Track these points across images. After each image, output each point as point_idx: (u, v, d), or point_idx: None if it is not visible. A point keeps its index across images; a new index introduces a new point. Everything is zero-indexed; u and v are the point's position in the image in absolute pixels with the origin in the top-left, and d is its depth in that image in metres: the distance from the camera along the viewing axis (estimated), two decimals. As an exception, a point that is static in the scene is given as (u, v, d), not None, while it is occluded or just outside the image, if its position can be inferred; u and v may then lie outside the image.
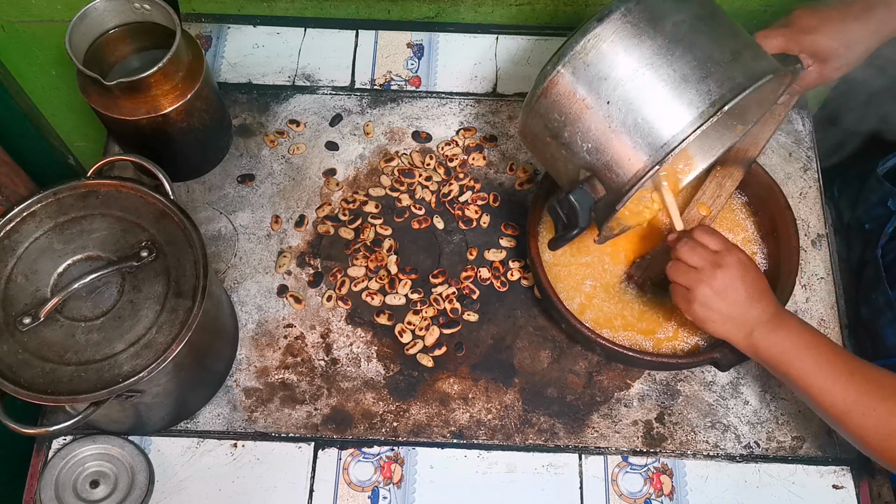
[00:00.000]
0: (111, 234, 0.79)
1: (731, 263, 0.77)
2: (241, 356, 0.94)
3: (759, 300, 0.78)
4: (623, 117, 0.71)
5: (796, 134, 1.10)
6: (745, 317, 0.78)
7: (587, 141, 0.74)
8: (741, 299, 0.77)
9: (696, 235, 0.79)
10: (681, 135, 0.70)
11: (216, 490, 0.88)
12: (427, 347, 0.95)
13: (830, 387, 0.75)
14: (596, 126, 0.73)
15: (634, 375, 0.95)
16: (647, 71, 0.71)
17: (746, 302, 0.77)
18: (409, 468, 0.90)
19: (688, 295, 0.79)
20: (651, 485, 0.90)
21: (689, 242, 0.79)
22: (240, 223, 1.02)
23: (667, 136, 0.70)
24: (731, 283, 0.77)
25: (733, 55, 0.72)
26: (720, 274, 0.77)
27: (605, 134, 0.73)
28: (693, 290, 0.78)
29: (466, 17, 1.17)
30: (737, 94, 0.70)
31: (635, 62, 0.71)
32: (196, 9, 1.16)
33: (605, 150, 0.73)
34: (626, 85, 0.71)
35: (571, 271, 0.94)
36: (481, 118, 1.10)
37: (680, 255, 0.79)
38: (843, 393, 0.74)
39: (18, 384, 0.73)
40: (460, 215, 1.03)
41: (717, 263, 0.77)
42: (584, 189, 0.74)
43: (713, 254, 0.78)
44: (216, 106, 1.00)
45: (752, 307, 0.77)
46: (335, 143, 1.08)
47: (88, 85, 0.90)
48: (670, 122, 0.70)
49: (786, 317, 0.78)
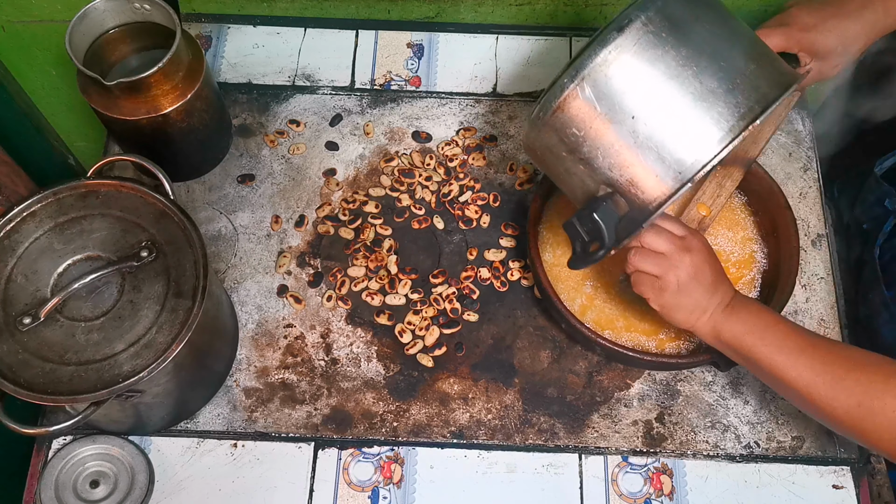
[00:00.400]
0: (111, 234, 0.79)
1: (697, 247, 0.76)
2: (241, 356, 0.94)
3: (721, 284, 0.78)
4: (649, 132, 0.68)
5: (796, 134, 1.10)
6: (709, 302, 0.77)
7: (609, 157, 0.70)
8: (708, 284, 0.76)
9: (657, 221, 0.76)
10: (712, 151, 0.67)
11: (216, 490, 0.88)
12: (427, 347, 0.95)
13: (794, 361, 0.74)
14: (620, 142, 0.70)
15: (634, 375, 0.95)
16: (673, 83, 0.68)
17: (712, 286, 0.77)
18: (409, 468, 0.90)
19: (657, 283, 0.76)
20: (651, 485, 0.90)
21: (652, 229, 0.76)
22: (240, 223, 1.02)
23: (698, 153, 0.67)
24: (701, 267, 0.76)
25: (756, 64, 0.70)
26: (689, 258, 0.75)
27: (631, 150, 0.69)
28: (664, 277, 0.76)
29: (466, 17, 1.17)
30: (765, 107, 0.67)
31: (660, 74, 0.68)
32: (196, 9, 1.16)
33: (629, 167, 0.70)
34: (652, 98, 0.68)
35: (571, 272, 0.94)
36: (481, 118, 1.10)
37: (644, 242, 0.76)
38: (809, 365, 0.74)
39: (18, 384, 0.73)
40: (460, 215, 1.03)
41: (686, 248, 0.76)
42: (607, 206, 0.71)
43: (679, 239, 0.76)
44: (216, 106, 1.00)
45: (716, 292, 0.77)
46: (335, 143, 1.08)
47: (88, 85, 0.90)
48: (701, 138, 0.67)
49: (743, 299, 0.79)
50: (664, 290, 0.77)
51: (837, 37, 0.83)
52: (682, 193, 0.69)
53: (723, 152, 0.67)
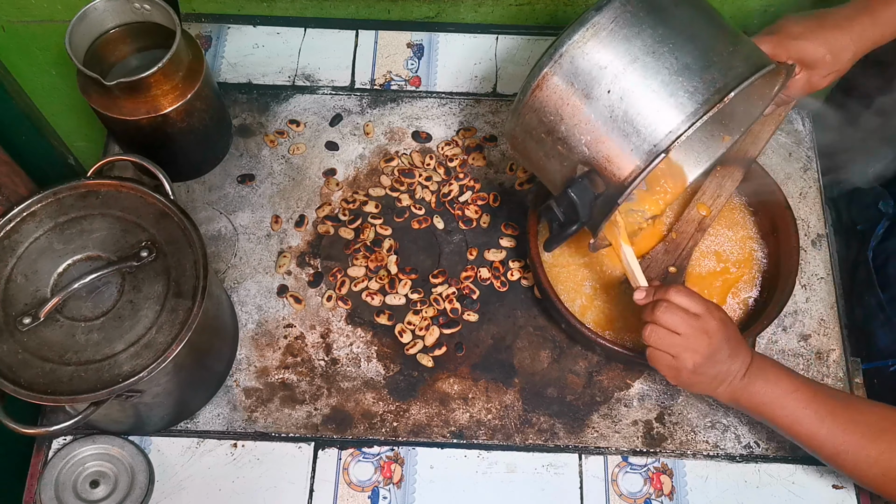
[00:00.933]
0: (111, 234, 0.79)
1: (714, 328, 0.74)
2: (241, 356, 0.94)
3: (738, 353, 0.77)
4: (625, 106, 0.70)
5: (796, 134, 1.10)
6: (727, 372, 0.77)
7: (586, 133, 0.72)
8: (725, 358, 0.76)
9: (672, 298, 0.75)
10: (686, 122, 0.68)
11: (216, 490, 0.88)
12: (427, 347, 0.95)
13: (816, 430, 0.76)
14: (595, 117, 0.71)
15: (634, 375, 0.95)
16: (649, 59, 0.69)
17: (728, 359, 0.76)
18: (409, 468, 0.90)
19: (673, 363, 0.76)
20: (651, 485, 0.90)
21: (669, 307, 0.75)
22: (240, 223, 1.02)
23: (672, 124, 0.68)
24: (718, 346, 0.75)
25: (733, 46, 0.71)
26: (707, 339, 0.74)
27: (606, 124, 0.70)
28: (679, 358, 0.75)
29: (466, 17, 1.17)
30: (740, 83, 0.68)
31: (636, 50, 0.69)
32: (196, 9, 1.16)
33: (605, 142, 0.71)
34: (628, 73, 0.69)
35: (571, 272, 0.94)
36: (481, 118, 1.10)
37: (659, 321, 0.75)
38: (830, 437, 0.76)
39: (18, 384, 0.73)
40: (460, 215, 1.03)
41: (703, 329, 0.74)
42: (583, 183, 0.72)
43: (696, 318, 0.74)
44: (216, 106, 1.00)
45: (733, 362, 0.77)
46: (335, 143, 1.08)
47: (88, 85, 0.90)
48: (674, 110, 0.68)
49: (762, 365, 0.78)
50: (680, 371, 0.76)
51: (826, 47, 0.83)
52: (654, 166, 0.69)
53: (697, 123, 0.68)
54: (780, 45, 0.83)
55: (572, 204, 0.73)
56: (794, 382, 0.77)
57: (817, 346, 0.97)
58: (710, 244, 0.96)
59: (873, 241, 1.03)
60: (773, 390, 0.77)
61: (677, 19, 0.71)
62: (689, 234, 0.94)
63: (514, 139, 0.80)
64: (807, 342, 0.97)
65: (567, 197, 0.73)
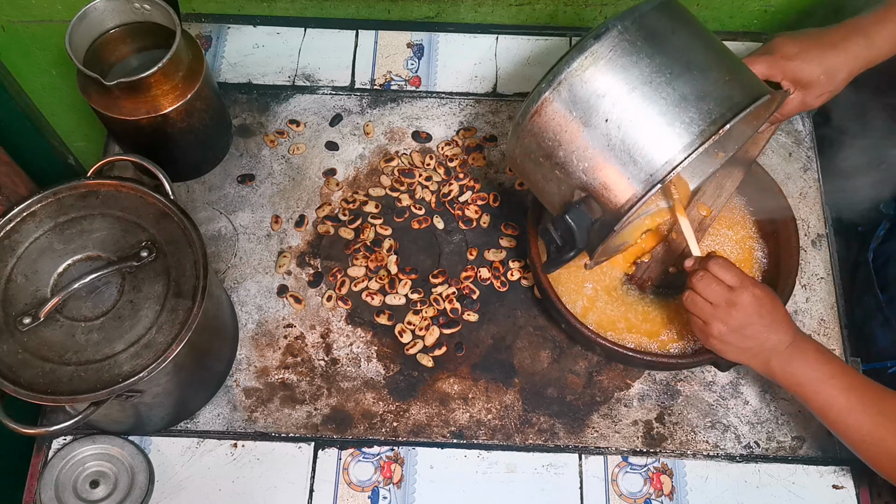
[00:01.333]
0: (111, 234, 0.79)
1: (745, 302, 0.77)
2: (241, 356, 0.94)
3: (776, 331, 0.78)
4: (622, 135, 0.70)
5: (796, 134, 1.10)
6: (761, 347, 0.79)
7: (583, 160, 0.72)
8: (757, 332, 0.78)
9: (712, 269, 0.79)
10: (682, 153, 0.69)
11: (216, 490, 0.88)
12: (427, 347, 0.95)
13: (844, 420, 0.77)
14: (593, 144, 0.71)
15: (634, 375, 0.95)
16: (647, 89, 0.70)
17: (762, 334, 0.78)
18: (409, 468, 0.90)
19: (704, 328, 0.80)
20: (651, 485, 0.90)
21: (705, 277, 0.79)
22: (240, 223, 1.02)
23: (669, 154, 0.69)
24: (747, 320, 0.78)
25: (729, 74, 0.72)
26: (735, 312, 0.77)
27: (603, 152, 0.71)
28: (709, 325, 0.79)
29: (466, 17, 1.17)
30: (736, 113, 0.69)
31: (634, 80, 0.70)
32: (196, 9, 1.16)
33: (602, 170, 0.72)
34: (625, 102, 0.70)
35: (571, 273, 0.94)
36: (481, 118, 1.10)
37: (695, 288, 0.79)
38: (857, 427, 0.77)
39: (18, 384, 0.73)
40: (460, 215, 1.03)
41: (732, 302, 0.77)
42: (580, 209, 0.73)
43: (728, 290, 0.78)
44: (216, 106, 1.00)
45: (768, 338, 0.78)
46: (335, 143, 1.08)
47: (88, 85, 0.90)
48: (672, 140, 0.69)
49: (802, 345, 0.79)
50: (708, 336, 0.80)
51: (820, 66, 0.84)
52: (651, 194, 0.70)
53: (693, 154, 0.68)
54: (774, 66, 0.84)
55: (570, 229, 0.74)
56: (832, 369, 0.78)
57: (817, 346, 0.97)
58: (710, 244, 0.96)
59: (874, 242, 1.03)
60: (810, 374, 0.78)
61: (675, 47, 0.71)
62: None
63: (513, 160, 0.80)
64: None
65: (564, 222, 0.74)
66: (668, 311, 0.92)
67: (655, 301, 0.93)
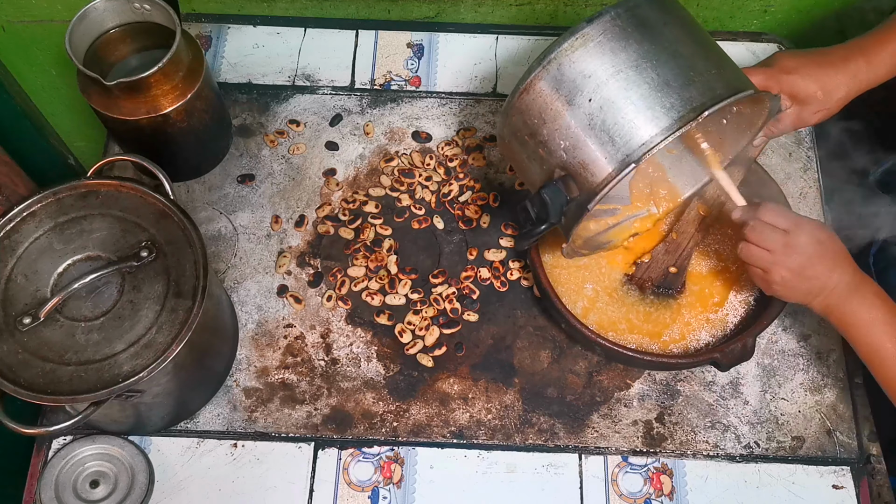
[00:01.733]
0: (111, 234, 0.79)
1: (803, 242, 0.77)
2: (241, 356, 0.94)
3: (835, 268, 0.78)
4: (603, 116, 0.72)
5: (796, 134, 1.10)
6: (821, 288, 0.79)
7: (565, 139, 0.74)
8: (819, 273, 0.78)
9: (762, 216, 0.79)
10: (660, 135, 0.70)
11: (216, 490, 0.88)
12: (427, 347, 0.95)
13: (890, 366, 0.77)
14: (575, 123, 0.73)
15: (634, 375, 0.95)
16: (632, 72, 0.71)
17: (824, 274, 0.78)
18: (409, 468, 0.90)
19: (766, 277, 0.80)
20: (651, 485, 0.90)
21: (756, 225, 0.79)
22: (240, 223, 1.02)
23: (646, 136, 0.70)
24: (808, 261, 0.78)
25: (716, 69, 0.73)
26: (795, 255, 0.78)
27: (584, 131, 0.73)
28: (770, 273, 0.79)
29: (466, 17, 1.17)
30: (716, 103, 0.70)
31: (621, 63, 0.71)
32: (196, 9, 1.16)
33: (581, 149, 0.73)
34: (610, 84, 0.71)
35: (571, 273, 0.94)
36: (481, 118, 1.10)
37: (750, 238, 0.79)
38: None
39: (18, 384, 0.73)
40: (460, 215, 1.03)
41: (790, 245, 0.77)
42: (557, 186, 0.74)
43: (784, 234, 0.78)
44: (216, 106, 1.00)
45: (830, 277, 0.78)
46: (335, 143, 1.08)
47: (88, 85, 0.90)
48: (650, 123, 0.70)
49: (862, 286, 0.79)
50: (770, 283, 0.80)
51: (818, 83, 0.84)
52: (625, 175, 0.71)
53: (670, 138, 0.69)
54: (772, 78, 0.84)
55: (544, 204, 0.75)
56: (888, 314, 0.78)
57: (817, 346, 0.97)
58: (711, 242, 0.96)
59: (874, 247, 1.03)
60: (864, 315, 0.78)
61: (665, 38, 0.73)
62: (689, 234, 0.94)
63: (501, 140, 0.82)
64: (807, 342, 0.97)
65: (540, 197, 0.75)
66: (669, 312, 0.92)
67: (656, 301, 0.93)
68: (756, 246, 0.79)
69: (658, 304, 0.93)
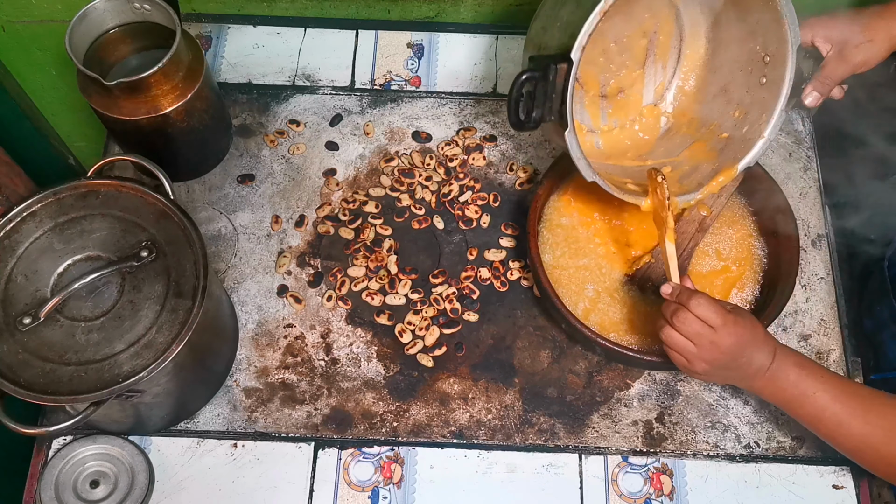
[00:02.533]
0: (111, 234, 0.79)
1: (729, 343, 0.75)
2: (241, 356, 0.94)
3: (757, 354, 0.77)
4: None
5: (796, 134, 1.10)
6: (744, 375, 0.78)
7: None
8: (741, 364, 0.77)
9: (693, 308, 0.76)
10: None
11: (216, 490, 0.88)
12: (427, 347, 0.95)
13: (835, 430, 0.77)
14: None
15: (634, 375, 0.95)
16: None
17: (745, 364, 0.77)
18: (409, 468, 0.90)
19: (686, 364, 0.78)
20: (651, 485, 0.90)
21: (686, 317, 0.76)
22: (240, 223, 1.02)
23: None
24: (730, 357, 0.76)
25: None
26: (718, 353, 0.76)
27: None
28: (692, 363, 0.77)
29: (466, 17, 1.17)
30: None
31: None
32: (196, 9, 1.16)
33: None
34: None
35: (571, 274, 0.94)
36: (481, 118, 1.10)
37: (677, 326, 0.77)
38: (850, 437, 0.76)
39: (18, 384, 0.73)
40: (460, 215, 1.03)
41: (715, 343, 0.75)
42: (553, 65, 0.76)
43: (711, 331, 0.75)
44: (216, 106, 1.00)
45: (750, 366, 0.77)
46: (335, 143, 1.08)
47: (88, 85, 0.90)
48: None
49: (784, 361, 0.77)
50: (692, 371, 0.78)
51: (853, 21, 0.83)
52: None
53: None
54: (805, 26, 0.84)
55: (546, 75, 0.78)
56: (815, 382, 0.77)
57: (817, 346, 0.97)
58: (711, 242, 0.96)
59: (889, 250, 1.02)
60: (794, 390, 0.77)
61: None
62: (689, 234, 0.94)
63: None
64: (807, 342, 0.97)
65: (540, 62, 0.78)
66: (668, 311, 0.92)
67: (657, 302, 0.93)
68: (679, 334, 0.77)
69: (659, 304, 0.93)
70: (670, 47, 0.94)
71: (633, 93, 0.97)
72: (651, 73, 0.96)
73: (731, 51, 0.91)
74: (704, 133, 0.94)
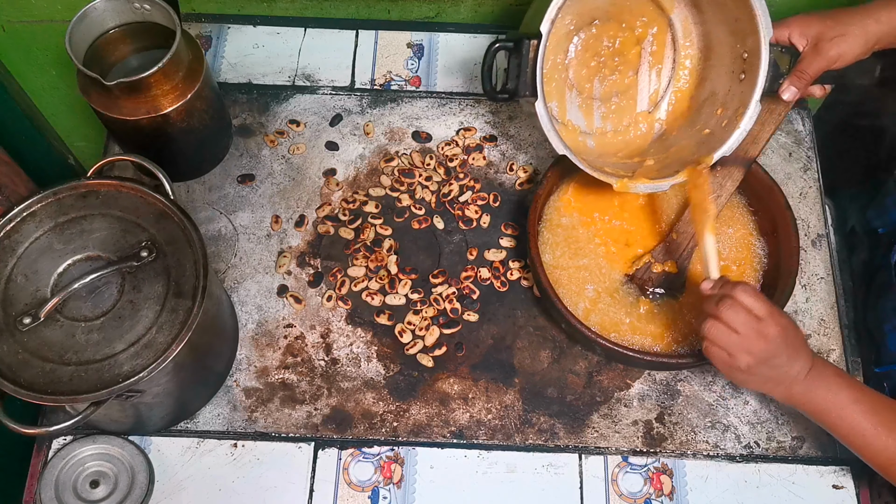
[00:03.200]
0: (111, 234, 0.79)
1: (775, 333, 0.74)
2: (241, 356, 0.94)
3: (798, 358, 0.77)
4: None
5: (796, 134, 1.10)
6: (784, 377, 0.77)
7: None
8: (782, 363, 0.76)
9: (738, 297, 0.75)
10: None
11: (216, 490, 0.88)
12: (427, 347, 0.95)
13: (870, 444, 0.76)
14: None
15: (634, 375, 0.95)
16: None
17: (787, 364, 0.76)
18: (409, 468, 0.90)
19: (728, 360, 0.76)
20: (651, 485, 0.90)
21: (733, 305, 0.75)
22: (240, 223, 1.02)
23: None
24: (775, 350, 0.75)
25: None
26: (764, 344, 0.74)
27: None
28: (735, 357, 0.76)
29: (466, 17, 1.17)
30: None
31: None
32: (196, 9, 1.16)
33: None
34: None
35: (571, 274, 0.94)
36: (481, 118, 1.10)
37: (722, 316, 0.75)
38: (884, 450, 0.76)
39: (18, 384, 0.73)
40: (460, 215, 1.03)
41: (762, 333, 0.74)
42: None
43: (757, 321, 0.74)
44: (216, 106, 1.00)
45: (791, 367, 0.77)
46: (335, 143, 1.08)
47: (88, 85, 0.90)
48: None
49: (822, 371, 0.78)
50: (734, 369, 0.77)
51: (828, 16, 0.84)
52: None
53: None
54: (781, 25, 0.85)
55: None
56: (853, 393, 0.77)
57: (817, 346, 0.97)
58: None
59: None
60: (832, 399, 0.77)
61: None
62: (689, 235, 0.94)
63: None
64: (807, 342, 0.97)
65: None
66: (670, 312, 0.92)
67: (657, 302, 0.93)
68: (725, 326, 0.75)
69: (659, 304, 0.93)
70: (664, 56, 0.95)
71: (628, 98, 0.97)
72: (645, 80, 0.97)
73: (719, 55, 0.93)
74: (692, 133, 0.95)
